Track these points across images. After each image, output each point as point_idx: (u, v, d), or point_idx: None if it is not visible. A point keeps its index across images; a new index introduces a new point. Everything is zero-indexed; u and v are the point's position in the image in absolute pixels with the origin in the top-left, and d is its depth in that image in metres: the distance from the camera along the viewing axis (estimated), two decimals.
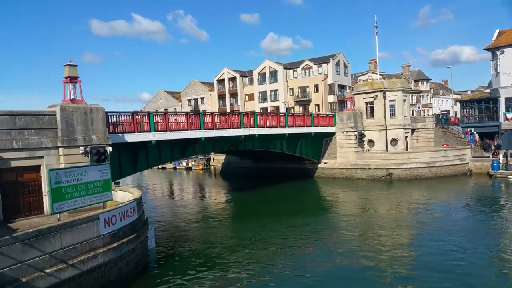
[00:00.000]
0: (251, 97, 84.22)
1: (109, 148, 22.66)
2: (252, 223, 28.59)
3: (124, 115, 27.81)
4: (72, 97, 23.00)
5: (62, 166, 19.72)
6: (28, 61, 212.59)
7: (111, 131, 25.30)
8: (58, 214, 16.92)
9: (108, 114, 25.39)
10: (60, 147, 20.35)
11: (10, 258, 12.50)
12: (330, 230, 26.15)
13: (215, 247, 23.06)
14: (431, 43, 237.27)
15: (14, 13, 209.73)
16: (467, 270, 17.84)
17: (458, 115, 76.34)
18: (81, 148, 21.25)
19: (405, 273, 17.90)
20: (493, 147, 51.21)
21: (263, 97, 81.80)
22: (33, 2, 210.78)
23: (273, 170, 54.64)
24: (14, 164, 18.66)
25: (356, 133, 49.57)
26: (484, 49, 59.71)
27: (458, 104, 73.18)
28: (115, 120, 26.73)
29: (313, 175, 52.58)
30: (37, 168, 19.72)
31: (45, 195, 19.37)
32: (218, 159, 66.79)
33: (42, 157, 19.70)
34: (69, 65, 22.84)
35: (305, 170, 52.84)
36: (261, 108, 79.90)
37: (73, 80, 23.07)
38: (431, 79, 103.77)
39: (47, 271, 13.55)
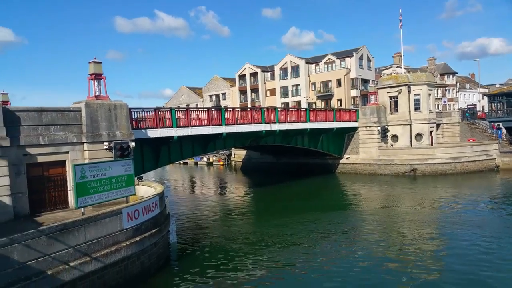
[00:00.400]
0: (272, 92, 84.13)
1: (132, 144, 22.97)
2: (273, 219, 28.58)
3: (147, 111, 28.19)
4: (97, 93, 23.38)
5: (86, 161, 20.09)
6: (52, 58, 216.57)
7: (134, 127, 25.65)
8: (82, 208, 17.25)
9: (132, 110, 25.78)
10: (85, 142, 20.73)
11: (36, 251, 12.83)
12: (352, 227, 25.92)
13: (235, 242, 23.21)
14: (458, 36, 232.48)
15: (39, 11, 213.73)
16: (492, 270, 17.47)
17: (486, 109, 74.79)
18: (105, 143, 21.60)
19: (428, 273, 17.61)
20: None
21: (285, 92, 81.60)
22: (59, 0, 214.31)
23: (294, 166, 54.51)
24: (40, 159, 19.12)
25: (379, 128, 49.04)
26: None
27: (486, 98, 71.59)
28: (138, 116, 27.12)
29: (335, 170, 52.30)
30: (63, 163, 20.15)
31: (70, 190, 19.77)
32: (239, 155, 66.98)
33: (67, 152, 20.11)
34: (94, 62, 23.21)
35: (327, 165, 52.58)
36: (282, 103, 79.77)
37: (97, 77, 23.45)
38: (457, 73, 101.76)
39: (71, 264, 13.86)
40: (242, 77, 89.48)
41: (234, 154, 69.20)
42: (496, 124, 56.59)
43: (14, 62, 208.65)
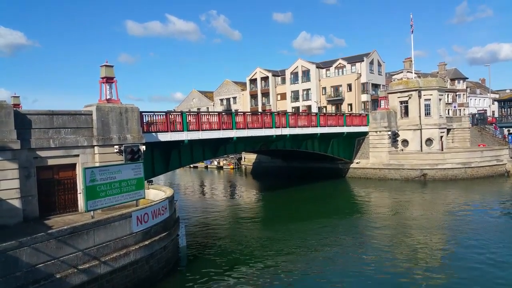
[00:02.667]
0: (283, 96, 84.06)
1: (143, 147, 23.01)
2: (283, 224, 28.44)
3: (158, 115, 28.23)
4: (108, 97, 23.45)
5: (97, 164, 20.13)
6: (64, 61, 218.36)
7: (145, 130, 25.72)
8: (92, 212, 17.25)
9: (143, 113, 25.82)
10: (95, 145, 20.81)
11: (45, 254, 12.81)
12: (363, 233, 25.62)
13: (245, 247, 23.09)
14: (468, 41, 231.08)
15: (51, 15, 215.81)
16: (503, 277, 17.23)
17: (496, 115, 74.08)
18: (116, 147, 21.67)
19: (437, 280, 17.33)
20: None
21: (295, 97, 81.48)
22: (70, 3, 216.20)
23: (305, 170, 54.35)
24: (50, 162, 19.20)
25: (389, 132, 48.77)
26: None
27: (496, 103, 70.95)
28: (149, 119, 27.19)
29: (345, 175, 52.03)
30: (73, 166, 20.22)
31: (80, 193, 19.83)
32: (249, 158, 66.96)
33: (77, 155, 20.18)
34: (106, 65, 23.30)
35: (337, 170, 52.32)
36: (293, 108, 79.66)
37: (109, 80, 23.53)
38: (467, 78, 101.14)
39: (80, 267, 13.82)
40: (253, 81, 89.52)
41: (244, 158, 69.19)
42: (507, 129, 55.96)
43: (26, 65, 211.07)
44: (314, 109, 74.02)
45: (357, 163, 51.40)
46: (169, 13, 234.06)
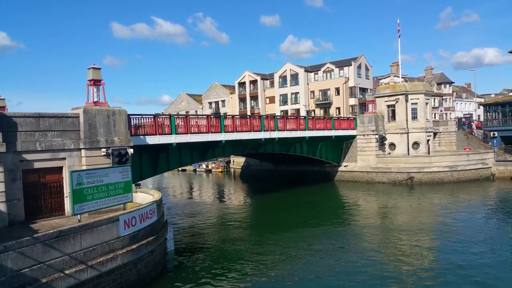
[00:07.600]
0: (271, 100, 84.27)
1: (131, 150, 22.87)
2: (271, 229, 28.36)
3: (146, 118, 28.08)
4: (95, 99, 23.26)
5: (84, 167, 19.97)
6: (50, 63, 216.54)
7: (133, 133, 25.54)
8: (79, 215, 17.10)
9: (130, 116, 25.64)
10: (82, 149, 20.63)
11: (30, 259, 12.66)
12: (350, 238, 25.49)
13: (234, 251, 23.03)
14: (454, 46, 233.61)
15: (36, 16, 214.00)
16: (490, 283, 17.37)
17: (482, 119, 74.97)
18: (103, 150, 21.50)
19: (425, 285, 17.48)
20: None
21: (284, 100, 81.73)
22: (55, 4, 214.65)
23: (293, 173, 54.49)
24: (36, 165, 19.00)
25: (377, 136, 49.10)
26: (509, 52, 58.60)
27: (482, 107, 71.86)
28: (137, 122, 27.01)
29: (333, 178, 52.23)
30: (59, 170, 20.03)
31: (67, 196, 19.65)
32: (238, 162, 66.94)
33: (64, 158, 20.00)
34: (93, 68, 23.10)
35: (325, 173, 52.52)
36: (281, 111, 79.90)
37: (96, 83, 23.33)
38: (454, 82, 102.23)
39: (67, 272, 13.68)
40: (241, 84, 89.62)
41: (233, 161, 69.16)
42: (491, 133, 56.60)
43: (10, 66, 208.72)
44: (303, 113, 74.31)
45: (345, 166, 51.65)
46: (156, 15, 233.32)
